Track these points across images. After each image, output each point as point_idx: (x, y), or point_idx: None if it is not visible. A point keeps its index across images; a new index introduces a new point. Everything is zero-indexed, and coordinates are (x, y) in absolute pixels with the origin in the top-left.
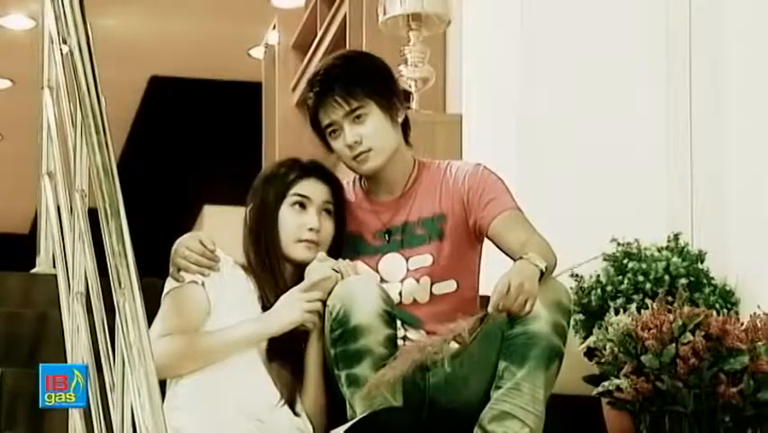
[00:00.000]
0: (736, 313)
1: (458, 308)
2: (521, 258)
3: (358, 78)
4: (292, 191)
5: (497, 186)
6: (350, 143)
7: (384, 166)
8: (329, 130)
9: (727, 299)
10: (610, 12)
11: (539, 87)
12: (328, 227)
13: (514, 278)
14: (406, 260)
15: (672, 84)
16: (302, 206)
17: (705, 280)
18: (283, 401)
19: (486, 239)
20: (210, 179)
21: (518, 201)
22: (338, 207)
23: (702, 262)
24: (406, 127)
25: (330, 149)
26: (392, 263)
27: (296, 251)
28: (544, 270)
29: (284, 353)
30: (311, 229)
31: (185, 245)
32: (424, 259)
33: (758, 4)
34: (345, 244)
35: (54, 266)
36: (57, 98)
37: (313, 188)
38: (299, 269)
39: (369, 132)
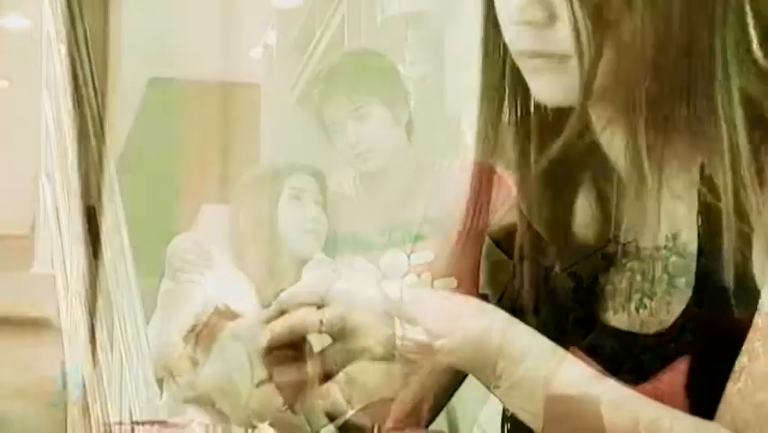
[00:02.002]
0: None
1: None
2: None
3: (363, 75)
4: (287, 185)
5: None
6: (352, 141)
7: (386, 165)
8: (332, 127)
9: None
10: None
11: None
12: (323, 218)
13: None
14: (408, 256)
15: None
16: (298, 198)
17: None
18: (286, 406)
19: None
20: (209, 180)
21: None
22: (325, 200)
23: None
24: (409, 127)
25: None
26: (394, 260)
27: (301, 242)
28: None
29: (284, 353)
30: (312, 219)
31: (180, 246)
32: (425, 255)
33: None
34: (347, 241)
35: (53, 266)
36: (55, 98)
37: (305, 181)
38: (298, 264)
39: (371, 130)
